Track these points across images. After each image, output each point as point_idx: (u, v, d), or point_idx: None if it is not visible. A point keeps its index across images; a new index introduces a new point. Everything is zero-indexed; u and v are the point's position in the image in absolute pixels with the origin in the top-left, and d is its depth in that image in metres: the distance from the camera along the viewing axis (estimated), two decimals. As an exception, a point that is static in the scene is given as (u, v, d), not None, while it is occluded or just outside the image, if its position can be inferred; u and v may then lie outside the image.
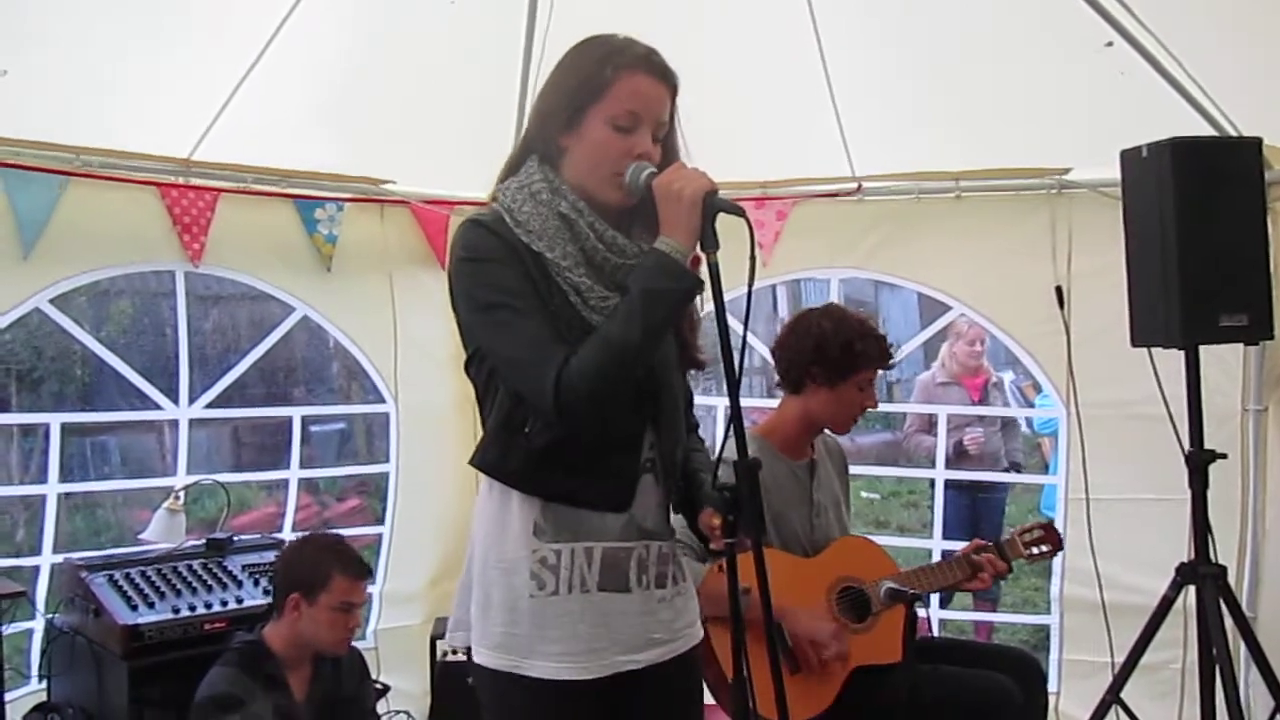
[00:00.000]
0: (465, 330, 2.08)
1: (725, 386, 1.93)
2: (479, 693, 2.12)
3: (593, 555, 2.04)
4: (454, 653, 3.89)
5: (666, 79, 2.05)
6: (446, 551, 4.49)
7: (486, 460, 2.08)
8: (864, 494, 9.27)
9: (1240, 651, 3.48)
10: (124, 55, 3.44)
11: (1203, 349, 3.25)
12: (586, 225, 2.02)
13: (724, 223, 1.97)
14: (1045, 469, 6.49)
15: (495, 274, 1.98)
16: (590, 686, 2.04)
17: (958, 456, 5.61)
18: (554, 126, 2.05)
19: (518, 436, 2.02)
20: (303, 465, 4.59)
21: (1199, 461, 3.24)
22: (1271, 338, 3.29)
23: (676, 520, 2.22)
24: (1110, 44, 3.40)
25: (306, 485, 7.77)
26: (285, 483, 4.57)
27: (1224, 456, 3.27)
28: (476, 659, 2.08)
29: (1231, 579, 3.31)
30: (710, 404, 4.22)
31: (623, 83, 1.99)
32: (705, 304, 2.04)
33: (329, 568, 3.08)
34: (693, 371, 2.27)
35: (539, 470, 2.02)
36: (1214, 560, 3.22)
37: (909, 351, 5.79)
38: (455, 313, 2.07)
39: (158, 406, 4.10)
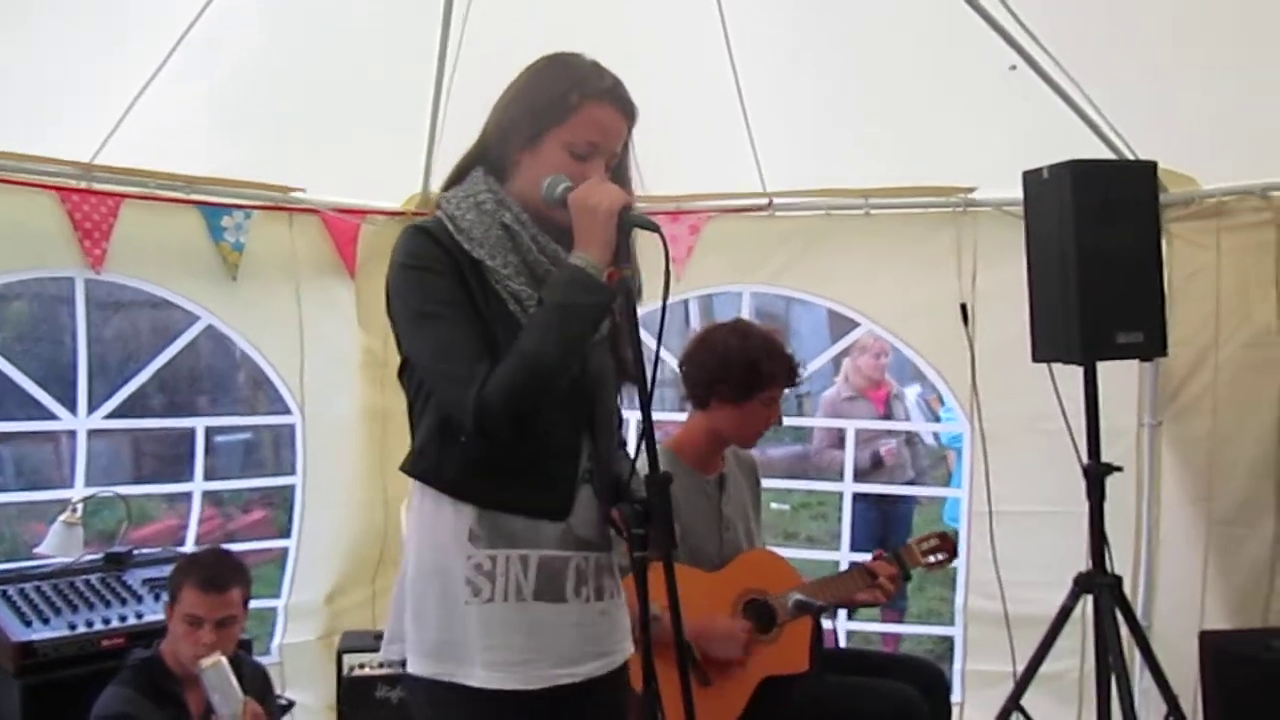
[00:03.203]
0: (398, 337, 2.09)
1: (638, 400, 1.95)
2: (412, 704, 2.11)
3: (529, 563, 2.04)
4: (361, 667, 3.84)
5: (628, 112, 2.09)
6: (347, 565, 4.44)
7: (421, 467, 2.08)
8: (773, 505, 9.33)
9: (1135, 659, 3.57)
10: (25, 55, 3.34)
11: (1101, 365, 3.35)
12: (529, 237, 2.04)
13: (641, 238, 2.00)
14: (950, 479, 6.61)
15: (430, 282, 1.99)
16: (526, 697, 2.02)
17: (874, 467, 5.71)
18: (512, 141, 2.07)
19: (452, 444, 2.02)
20: (207, 477, 4.48)
21: (1096, 474, 3.35)
22: (1165, 354, 3.42)
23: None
24: (1014, 68, 3.48)
25: (210, 497, 7.58)
26: (188, 495, 4.45)
27: (1120, 470, 3.38)
28: (410, 668, 2.06)
29: (1128, 589, 3.40)
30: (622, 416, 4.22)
31: (586, 112, 2.02)
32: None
33: (182, 578, 3.00)
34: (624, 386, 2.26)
35: (474, 477, 2.02)
36: (1110, 570, 3.31)
37: (818, 366, 5.89)
38: (391, 319, 2.08)
39: (54, 416, 3.98)
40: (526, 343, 1.94)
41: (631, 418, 3.18)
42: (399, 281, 2.03)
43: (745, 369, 3.16)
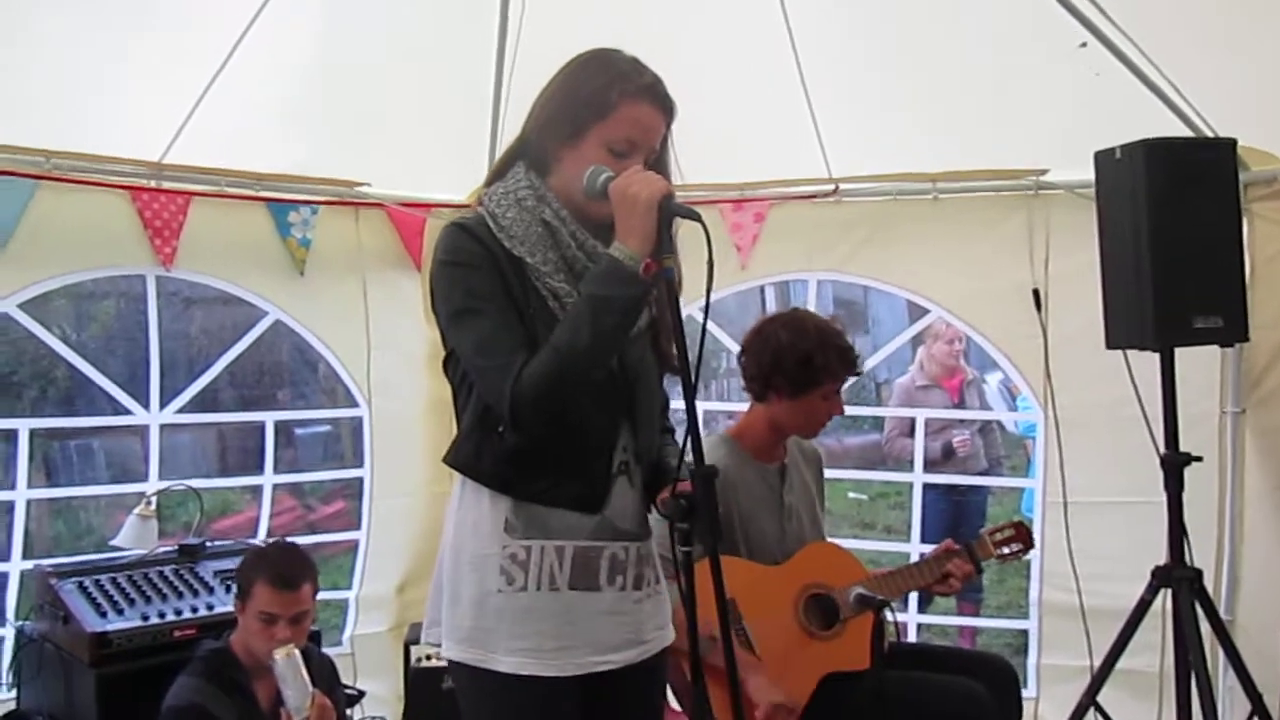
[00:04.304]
0: (443, 332, 2.13)
1: (683, 390, 1.92)
2: (455, 685, 2.17)
3: (563, 554, 2.07)
4: (428, 658, 3.88)
5: (667, 109, 2.10)
6: (415, 557, 4.46)
7: (460, 458, 2.12)
8: (851, 495, 9.24)
9: (1218, 655, 3.46)
10: (94, 57, 3.41)
11: (1181, 351, 3.23)
12: (569, 234, 2.06)
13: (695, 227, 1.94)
14: (1028, 469, 6.48)
15: (471, 278, 2.02)
16: (558, 684, 2.06)
17: (945, 458, 5.60)
18: (553, 136, 2.09)
19: (491, 436, 2.06)
20: (289, 468, 4.56)
21: (1174, 464, 3.23)
22: (1246, 340, 3.29)
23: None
24: (1084, 45, 3.38)
25: (290, 489, 7.71)
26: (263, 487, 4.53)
27: (1199, 459, 3.25)
28: (445, 652, 2.12)
29: (1209, 582, 3.29)
30: (677, 406, 4.16)
31: (626, 109, 2.04)
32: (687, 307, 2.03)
33: (254, 575, 3.03)
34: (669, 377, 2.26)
35: (511, 469, 2.05)
36: (1189, 563, 3.21)
37: (891, 352, 5.80)
38: (434, 314, 2.12)
39: (129, 412, 4.06)
40: (560, 335, 1.95)
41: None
42: (440, 278, 2.07)
43: (798, 364, 3.11)
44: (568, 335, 1.94)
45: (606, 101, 2.03)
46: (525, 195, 2.08)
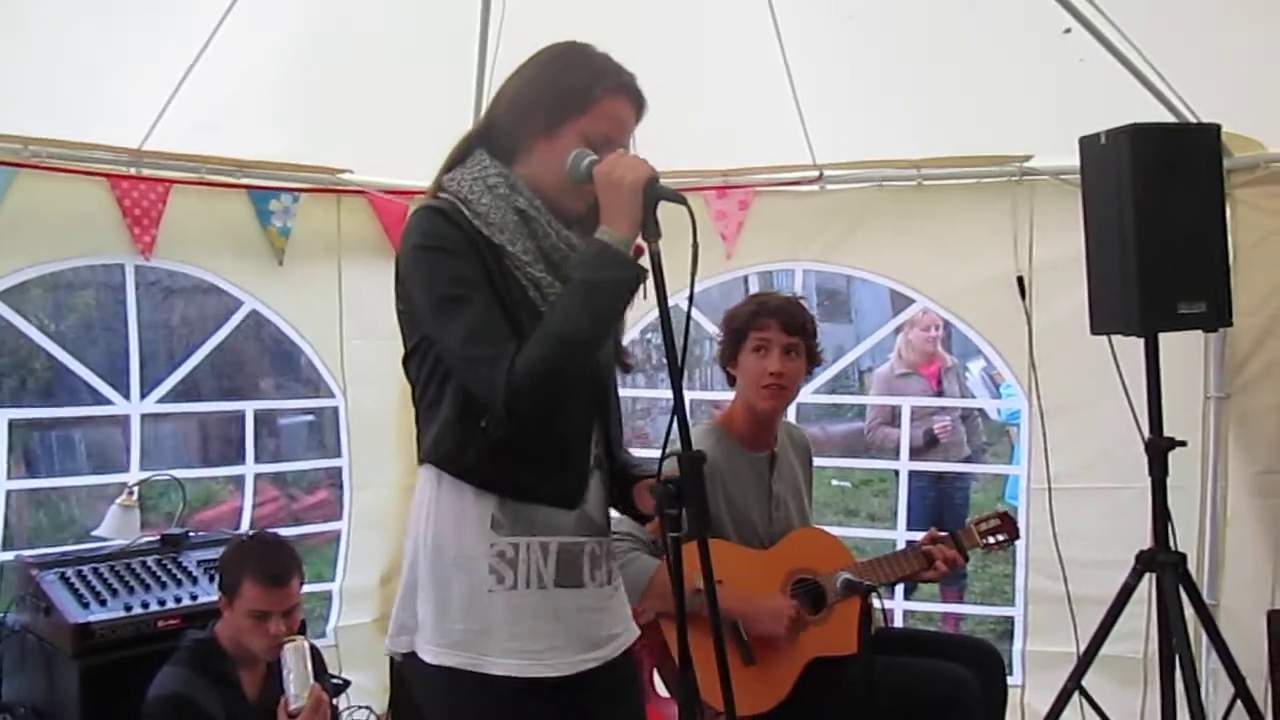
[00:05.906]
0: (412, 319, 2.05)
1: (670, 376, 1.91)
2: (425, 694, 2.08)
3: (549, 550, 2.04)
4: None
5: (641, 106, 2.08)
6: (397, 548, 4.40)
7: (441, 454, 2.04)
8: (834, 482, 9.26)
9: (1201, 639, 3.47)
10: (72, 42, 3.37)
11: (1165, 337, 3.25)
12: (545, 223, 2.02)
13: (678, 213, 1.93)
14: (1012, 456, 6.50)
15: (452, 265, 1.95)
16: (549, 684, 2.03)
17: (928, 445, 5.62)
18: (527, 127, 2.04)
19: (474, 430, 1.99)
20: (272, 458, 4.52)
21: (1158, 449, 3.25)
22: (1229, 325, 3.31)
23: (623, 516, 2.23)
24: (1069, 30, 3.37)
25: (273, 478, 7.67)
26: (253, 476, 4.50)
27: (1183, 444, 3.27)
28: (430, 659, 2.02)
29: (1193, 566, 3.30)
30: (661, 396, 4.15)
31: (606, 104, 2.02)
32: (648, 294, 1.98)
33: (241, 573, 2.98)
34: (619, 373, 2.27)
35: (496, 464, 2.00)
36: (1174, 548, 3.22)
37: (877, 341, 5.83)
38: (403, 300, 2.05)
39: (110, 402, 4.03)
40: (553, 321, 1.91)
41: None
42: (418, 264, 1.99)
43: (726, 322, 3.21)
44: (560, 321, 1.90)
45: (588, 96, 2.01)
46: (496, 182, 2.01)
